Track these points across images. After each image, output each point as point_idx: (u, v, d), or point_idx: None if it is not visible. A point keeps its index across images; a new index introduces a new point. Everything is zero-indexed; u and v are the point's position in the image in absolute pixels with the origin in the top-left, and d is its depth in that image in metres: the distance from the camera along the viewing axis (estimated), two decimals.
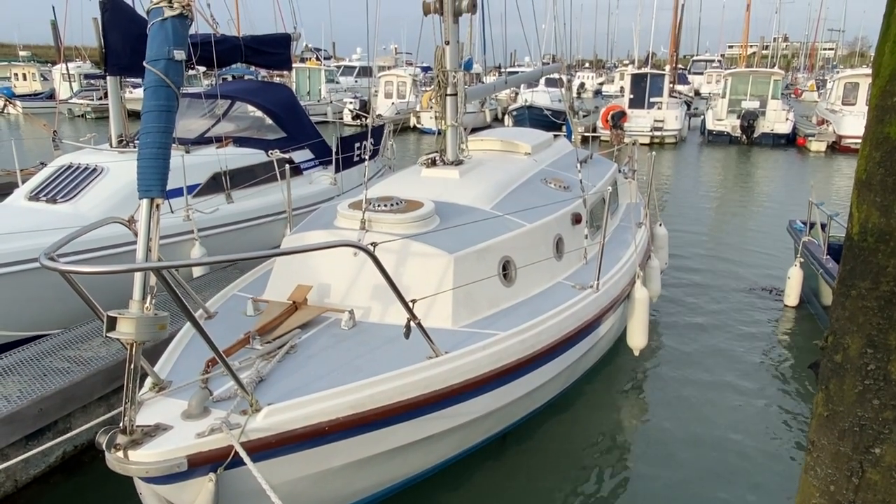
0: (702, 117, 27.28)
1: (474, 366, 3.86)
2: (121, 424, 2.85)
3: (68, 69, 31.22)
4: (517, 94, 29.25)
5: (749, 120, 23.44)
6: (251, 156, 8.35)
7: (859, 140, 2.28)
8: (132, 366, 2.73)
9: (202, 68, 9.29)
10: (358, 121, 26.72)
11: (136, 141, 7.73)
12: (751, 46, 39.45)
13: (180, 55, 2.97)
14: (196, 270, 6.88)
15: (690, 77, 46.83)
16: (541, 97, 26.86)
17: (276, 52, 9.98)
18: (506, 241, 4.86)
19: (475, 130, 8.53)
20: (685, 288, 8.48)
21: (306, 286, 4.48)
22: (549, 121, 24.26)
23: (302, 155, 9.29)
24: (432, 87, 6.21)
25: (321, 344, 3.97)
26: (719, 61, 55.95)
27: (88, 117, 32.06)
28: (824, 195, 13.43)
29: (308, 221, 5.25)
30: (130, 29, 7.49)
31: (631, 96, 24.81)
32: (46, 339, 5.19)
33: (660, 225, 7.94)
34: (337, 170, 9.47)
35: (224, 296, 4.90)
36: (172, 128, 3.02)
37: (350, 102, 29.13)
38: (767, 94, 24.06)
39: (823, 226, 7.48)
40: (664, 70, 27.22)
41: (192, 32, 3.10)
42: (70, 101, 31.91)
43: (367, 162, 5.41)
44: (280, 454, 3.18)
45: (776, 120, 23.75)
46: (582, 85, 49.32)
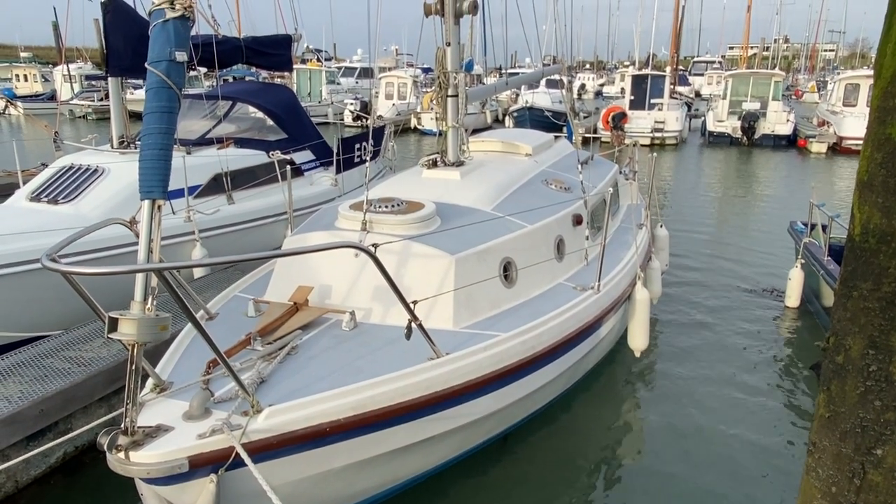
0: (702, 119, 27.27)
1: (475, 367, 3.86)
2: (122, 425, 2.85)
3: (69, 70, 31.27)
4: (518, 96, 29.25)
5: (750, 121, 23.43)
6: (252, 157, 8.36)
7: (860, 141, 2.28)
8: (133, 367, 2.73)
9: (203, 69, 9.29)
10: (359, 122, 26.74)
11: (138, 142, 7.75)
12: (751, 48, 39.48)
13: (182, 57, 2.97)
14: (197, 271, 6.89)
15: (691, 78, 46.83)
16: (541, 98, 26.88)
17: (277, 54, 9.99)
18: (507, 243, 4.86)
19: (476, 131, 8.53)
20: (686, 289, 8.48)
21: (307, 287, 4.48)
22: (550, 122, 24.28)
23: (303, 156, 9.30)
24: (433, 89, 6.21)
25: (322, 345, 3.97)
26: (720, 63, 55.98)
27: (89, 118, 32.11)
28: (825, 196, 13.42)
29: (309, 222, 5.25)
30: (132, 30, 7.50)
31: (632, 97, 24.81)
32: (47, 340, 5.18)
33: (661, 226, 7.94)
34: (338, 171, 9.48)
35: (225, 297, 4.90)
36: (174, 129, 3.03)
37: (351, 103, 29.13)
38: (768, 96, 24.06)
39: (824, 227, 7.47)
40: (665, 71, 27.21)
41: (194, 33, 3.10)
42: (71, 103, 31.97)
43: (368, 163, 5.42)
44: (281, 455, 3.18)
45: (777, 121, 23.74)
46: (583, 86, 49.25)
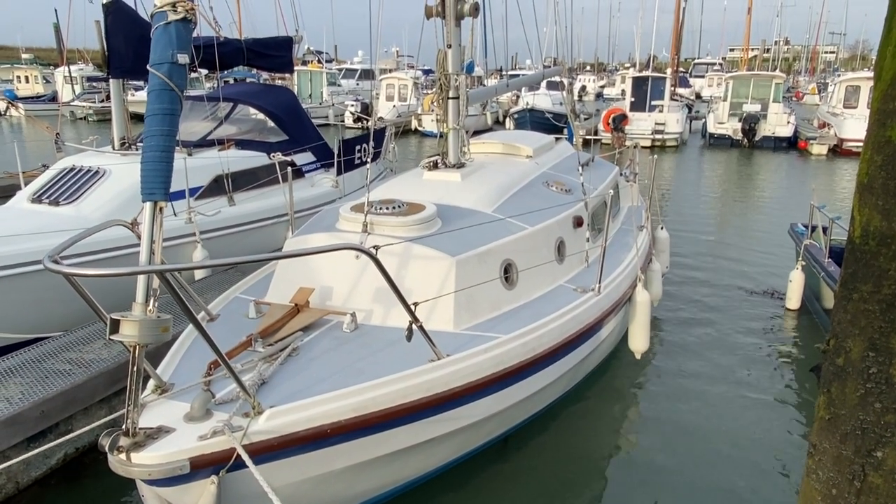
0: (703, 120, 27.29)
1: (476, 369, 3.86)
2: (123, 427, 2.85)
3: (70, 72, 31.31)
4: (518, 97, 29.28)
5: (750, 123, 23.44)
6: (253, 158, 8.37)
7: (860, 143, 2.28)
8: (135, 368, 2.74)
9: (204, 71, 9.30)
10: (359, 123, 26.76)
11: (139, 143, 7.76)
12: (752, 50, 39.50)
13: (184, 59, 2.98)
14: (198, 273, 6.90)
15: (692, 80, 46.90)
16: (542, 100, 26.90)
17: (278, 55, 10.00)
18: (507, 244, 4.87)
19: (477, 133, 8.54)
20: (687, 291, 8.48)
21: (308, 289, 4.49)
22: (551, 124, 24.32)
23: (304, 157, 9.31)
24: (434, 91, 6.22)
25: (323, 346, 3.97)
26: (720, 64, 56.05)
27: (90, 120, 32.16)
28: (826, 198, 13.42)
29: (310, 224, 5.25)
30: (133, 32, 7.51)
31: (632, 99, 24.82)
32: (48, 342, 5.19)
33: (661, 228, 7.94)
34: (339, 172, 9.49)
35: (226, 298, 4.90)
36: (176, 131, 3.03)
37: (351, 105, 29.16)
38: (769, 98, 24.08)
39: (825, 229, 7.47)
40: (665, 73, 27.22)
41: (195, 35, 3.11)
42: (72, 104, 32.01)
43: (369, 164, 5.42)
44: (282, 457, 3.19)
45: (777, 123, 23.75)
46: (583, 88, 49.32)
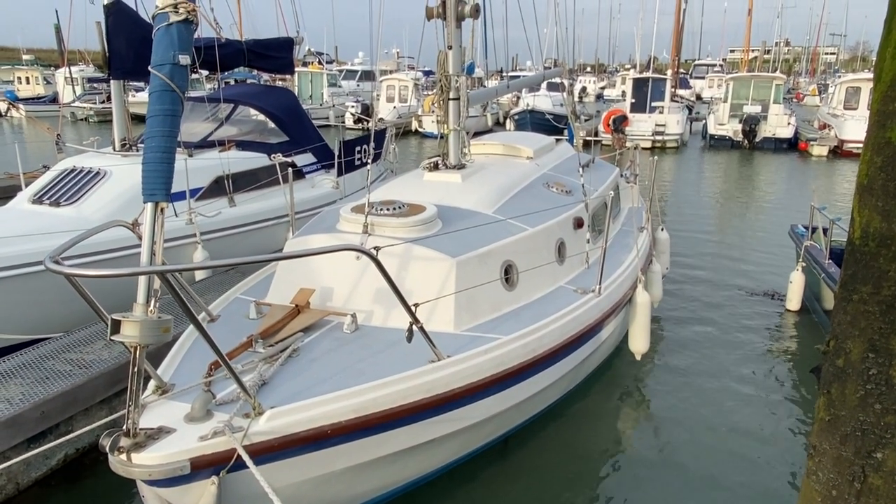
0: (703, 122, 27.30)
1: (476, 370, 3.86)
2: (124, 427, 2.86)
3: (71, 73, 31.32)
4: (519, 99, 29.31)
5: (751, 124, 23.43)
6: (254, 159, 8.38)
7: (861, 144, 2.28)
8: (136, 369, 2.74)
9: (205, 72, 9.31)
10: (360, 124, 26.78)
11: (140, 144, 7.77)
12: (752, 51, 39.51)
13: (185, 60, 2.99)
14: (199, 274, 6.90)
15: (692, 81, 46.93)
16: (542, 101, 26.94)
17: (279, 56, 10.01)
18: (508, 246, 4.87)
19: (477, 134, 8.54)
20: (686, 292, 8.48)
21: (309, 290, 4.49)
22: (551, 125, 24.37)
23: (304, 158, 9.31)
24: (434, 92, 6.23)
25: (324, 347, 3.97)
26: (721, 66, 56.10)
27: (91, 121, 32.20)
28: (826, 199, 13.44)
29: (311, 225, 5.26)
30: (134, 33, 7.52)
31: (633, 100, 24.82)
32: (49, 342, 5.19)
33: (661, 229, 7.94)
34: (339, 173, 9.49)
35: (227, 299, 4.91)
36: (177, 132, 3.04)
37: (352, 106, 29.17)
38: (769, 99, 24.07)
39: (825, 230, 7.47)
40: (666, 74, 27.25)
41: (196, 36, 3.11)
42: (73, 105, 32.04)
43: (370, 165, 5.43)
44: (282, 457, 3.19)
45: (778, 124, 23.75)
46: (584, 89, 49.38)
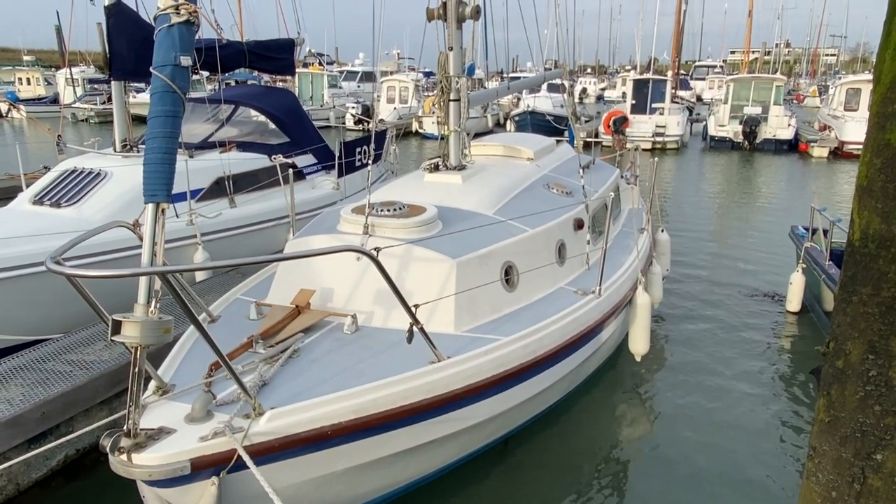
0: (704, 123, 27.30)
1: (476, 371, 3.86)
2: (125, 427, 2.86)
3: (72, 74, 31.36)
4: (519, 100, 29.32)
5: (751, 125, 23.43)
6: (254, 160, 8.38)
7: (861, 146, 2.29)
8: (136, 369, 2.74)
9: (206, 73, 9.31)
10: (360, 126, 26.80)
11: (141, 145, 7.77)
12: (753, 52, 39.48)
13: (187, 61, 3.00)
14: (199, 274, 6.90)
15: (692, 83, 46.94)
16: (543, 102, 26.95)
17: (280, 58, 10.01)
18: (508, 247, 4.87)
19: (478, 135, 8.55)
20: (687, 293, 8.48)
21: (309, 290, 4.49)
22: (552, 126, 24.37)
23: (305, 160, 9.31)
24: (435, 93, 6.23)
25: (324, 348, 3.98)
26: (721, 67, 56.12)
27: (92, 122, 32.23)
28: (827, 201, 13.44)
29: (311, 226, 5.26)
30: (135, 34, 7.52)
31: (633, 102, 24.83)
32: (49, 343, 5.18)
33: (662, 231, 7.94)
34: (340, 174, 9.50)
35: (227, 299, 4.91)
36: (178, 133, 3.05)
37: (352, 107, 29.18)
38: (770, 100, 24.07)
39: (826, 231, 7.47)
40: (666, 76, 27.26)
41: (197, 37, 3.13)
42: (74, 106, 32.06)
43: (370, 167, 5.43)
44: (283, 458, 3.19)
45: (778, 126, 23.75)
46: (584, 90, 49.42)
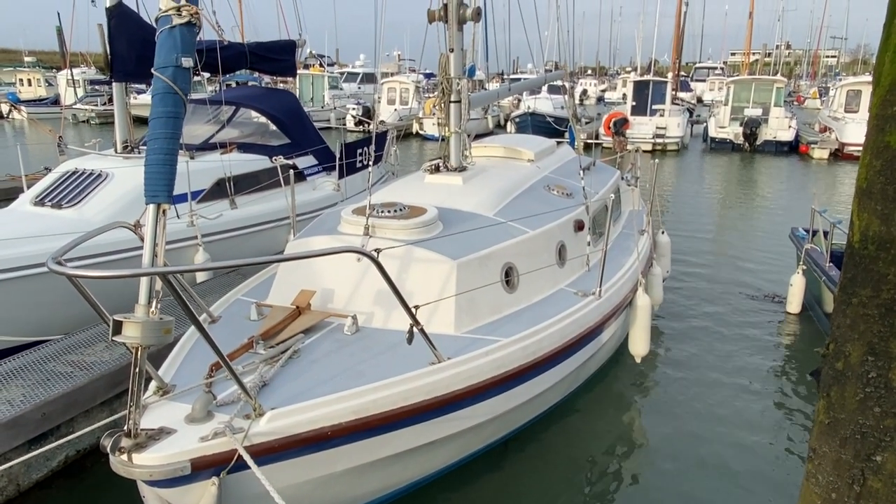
0: (704, 124, 27.32)
1: (476, 372, 3.87)
2: (125, 427, 2.86)
3: (73, 75, 31.38)
4: (520, 101, 29.33)
5: (752, 127, 23.44)
6: (255, 162, 8.39)
7: (862, 148, 2.29)
8: (137, 369, 2.74)
9: (207, 74, 9.32)
10: (361, 127, 26.81)
11: (141, 147, 7.78)
12: (753, 54, 39.49)
13: (188, 62, 3.01)
14: (200, 275, 6.91)
15: (693, 84, 46.93)
16: (543, 104, 26.96)
17: (282, 59, 10.02)
18: (508, 248, 4.88)
19: (478, 137, 8.56)
20: (687, 295, 8.48)
21: (310, 291, 4.50)
22: (552, 127, 24.34)
23: (306, 161, 9.32)
24: (436, 94, 6.24)
25: (324, 349, 3.98)
26: (722, 69, 56.11)
27: (93, 123, 32.24)
28: (827, 202, 13.43)
29: (312, 227, 5.26)
30: (136, 35, 7.53)
31: (633, 103, 24.85)
32: (50, 344, 5.19)
33: (662, 232, 7.95)
34: (340, 176, 9.50)
35: (228, 300, 4.91)
36: (180, 134, 3.05)
37: (353, 109, 29.19)
38: (770, 102, 24.09)
39: (826, 233, 7.47)
40: (667, 77, 27.27)
41: (198, 39, 3.15)
42: (75, 107, 32.07)
43: (371, 168, 5.44)
44: (283, 458, 3.19)
45: (779, 127, 23.76)
46: (584, 92, 49.45)
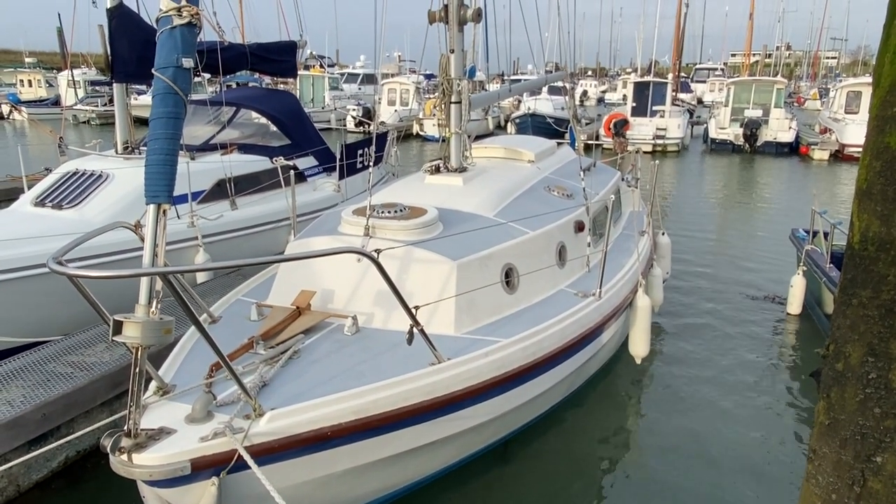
0: (704, 126, 27.34)
1: (476, 372, 3.87)
2: (125, 427, 2.87)
3: (74, 76, 31.39)
4: (520, 102, 29.35)
5: (752, 128, 23.45)
6: (255, 162, 8.39)
7: (862, 149, 2.29)
8: (137, 370, 2.75)
9: (207, 75, 9.32)
10: (361, 128, 26.82)
11: (142, 147, 7.78)
12: (753, 55, 39.51)
13: (189, 63, 3.01)
14: (200, 276, 6.91)
15: (693, 85, 47.00)
16: (544, 105, 26.97)
17: (282, 60, 10.03)
18: (509, 249, 4.88)
19: (479, 138, 8.56)
20: (688, 295, 8.48)
21: (310, 291, 4.50)
22: (552, 128, 24.37)
23: (306, 162, 9.33)
24: (436, 95, 6.24)
25: (324, 349, 3.98)
26: (722, 70, 56.17)
27: (93, 123, 32.24)
28: (827, 203, 13.43)
29: (312, 227, 5.27)
30: (136, 36, 7.54)
31: (634, 104, 24.85)
32: (50, 345, 5.19)
33: (663, 233, 7.95)
34: (341, 176, 9.51)
35: (228, 300, 4.91)
36: (180, 135, 3.06)
37: (353, 109, 29.21)
38: (770, 103, 24.10)
39: (826, 234, 7.47)
40: (667, 78, 27.28)
41: (199, 40, 3.15)
42: (75, 108, 32.08)
43: (371, 168, 5.44)
44: (283, 459, 3.20)
45: (779, 128, 23.77)
46: (585, 93, 49.46)
